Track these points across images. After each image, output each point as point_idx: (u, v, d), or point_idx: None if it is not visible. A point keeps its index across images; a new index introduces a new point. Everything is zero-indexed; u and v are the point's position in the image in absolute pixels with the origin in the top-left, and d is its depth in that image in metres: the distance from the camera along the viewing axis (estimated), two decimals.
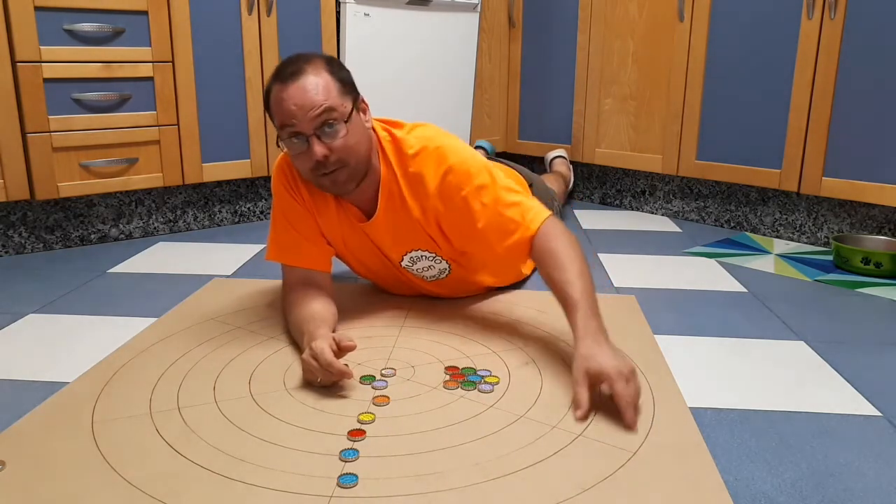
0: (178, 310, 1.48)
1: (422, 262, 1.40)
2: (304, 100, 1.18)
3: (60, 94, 1.82)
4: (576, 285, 1.15)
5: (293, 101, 1.18)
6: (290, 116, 1.19)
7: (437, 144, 1.30)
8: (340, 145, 1.21)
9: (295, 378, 1.16)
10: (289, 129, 1.20)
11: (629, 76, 2.44)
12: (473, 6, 2.55)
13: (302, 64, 1.21)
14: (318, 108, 1.18)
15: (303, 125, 1.19)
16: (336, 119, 1.20)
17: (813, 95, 1.99)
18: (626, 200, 2.62)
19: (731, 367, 1.26)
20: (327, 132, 1.20)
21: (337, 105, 1.20)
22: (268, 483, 0.87)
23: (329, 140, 1.20)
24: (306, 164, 1.23)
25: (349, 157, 1.23)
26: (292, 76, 1.19)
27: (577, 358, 1.07)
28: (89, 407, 1.06)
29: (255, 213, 2.33)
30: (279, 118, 1.21)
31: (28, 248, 1.92)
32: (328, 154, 1.20)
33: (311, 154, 1.20)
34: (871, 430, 1.04)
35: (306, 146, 1.21)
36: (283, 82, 1.20)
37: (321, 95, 1.19)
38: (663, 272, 1.82)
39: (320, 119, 1.19)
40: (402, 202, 1.32)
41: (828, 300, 1.63)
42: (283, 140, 1.23)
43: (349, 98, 1.24)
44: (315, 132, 1.19)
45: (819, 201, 2.12)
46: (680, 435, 1.00)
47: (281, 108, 1.20)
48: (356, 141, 1.24)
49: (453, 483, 0.88)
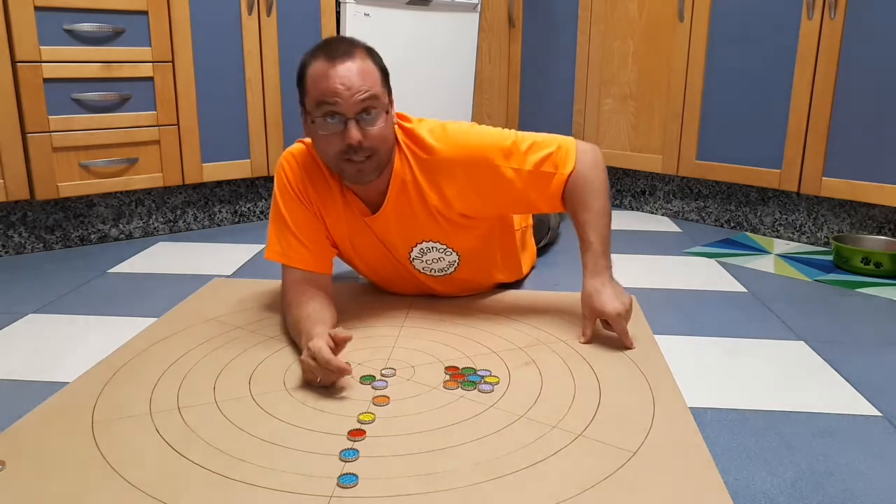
0: (178, 310, 1.48)
1: (431, 253, 1.40)
2: (353, 82, 1.17)
3: (60, 94, 1.82)
4: (594, 225, 1.35)
5: (341, 80, 1.17)
6: (334, 94, 1.17)
7: (451, 128, 1.33)
8: (376, 133, 1.21)
9: (295, 378, 1.16)
10: (328, 107, 1.18)
11: (629, 76, 2.44)
12: (473, 6, 2.55)
13: (350, 46, 1.21)
14: (364, 92, 1.18)
15: (345, 107, 1.18)
16: (378, 107, 1.21)
17: (813, 95, 1.99)
18: (626, 200, 2.62)
19: (732, 367, 1.26)
20: (366, 118, 1.20)
21: (380, 94, 1.21)
22: (268, 483, 0.87)
23: (367, 126, 1.20)
24: (336, 147, 1.21)
25: (380, 147, 1.23)
26: (343, 56, 1.18)
27: (584, 294, 1.33)
28: (89, 407, 1.06)
29: (255, 213, 2.33)
30: (319, 94, 1.19)
31: (28, 248, 1.92)
32: (362, 140, 1.20)
33: (345, 137, 1.19)
34: (871, 430, 1.04)
35: (342, 128, 1.19)
36: (331, 59, 1.18)
37: (369, 81, 1.19)
38: (663, 272, 1.82)
39: (364, 104, 1.18)
40: (418, 192, 1.32)
41: (828, 300, 1.63)
42: (315, 118, 1.21)
43: (387, 90, 1.25)
44: (356, 116, 1.19)
45: (819, 201, 2.12)
46: (680, 435, 1.00)
47: (326, 85, 1.18)
48: (389, 133, 1.26)
49: (453, 483, 0.88)
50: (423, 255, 1.40)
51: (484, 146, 1.32)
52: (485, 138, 1.33)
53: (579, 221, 1.36)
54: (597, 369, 1.21)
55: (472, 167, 1.32)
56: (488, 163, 1.32)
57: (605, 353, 1.29)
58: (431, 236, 1.38)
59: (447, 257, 1.41)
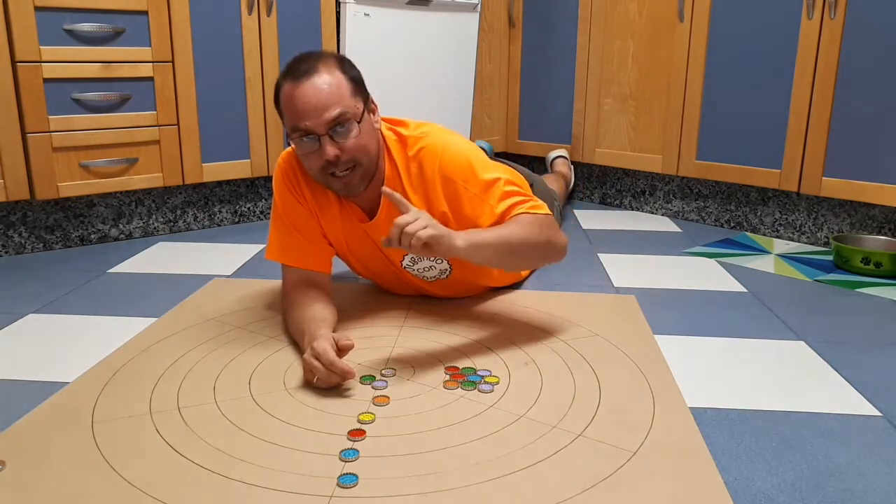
0: (178, 310, 1.48)
1: (422, 262, 1.40)
2: (317, 100, 1.17)
3: (60, 94, 1.82)
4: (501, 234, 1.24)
5: (306, 100, 1.17)
6: (303, 117, 1.17)
7: (442, 143, 1.31)
8: (352, 145, 1.21)
9: (295, 378, 1.16)
10: (300, 128, 1.19)
11: (629, 76, 2.44)
12: (473, 6, 2.55)
13: (314, 62, 1.20)
14: (331, 108, 1.17)
15: (315, 125, 1.18)
16: (349, 119, 1.19)
17: (813, 95, 1.99)
18: (626, 200, 2.62)
19: (731, 367, 1.26)
20: (339, 132, 1.19)
21: (349, 106, 1.20)
22: (268, 483, 0.87)
23: (341, 140, 1.20)
24: (317, 164, 1.22)
25: (361, 157, 1.23)
26: (305, 74, 1.18)
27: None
28: (89, 407, 1.06)
29: (255, 213, 2.33)
30: (290, 117, 1.20)
31: (28, 248, 1.92)
32: (339, 154, 1.20)
33: (322, 154, 1.19)
34: (871, 430, 1.04)
35: (317, 146, 1.20)
36: (296, 80, 1.18)
37: (334, 96, 1.18)
38: (663, 272, 1.82)
39: (333, 120, 1.18)
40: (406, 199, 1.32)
41: (828, 300, 1.63)
42: (293, 139, 1.22)
43: (361, 98, 1.23)
44: (327, 132, 1.18)
45: (819, 201, 2.12)
46: (680, 435, 1.00)
47: (293, 107, 1.18)
48: (367, 141, 1.24)
49: (453, 483, 0.88)
50: (415, 263, 1.41)
51: (466, 170, 1.29)
52: (471, 162, 1.30)
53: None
54: (597, 369, 1.21)
55: (448, 188, 1.29)
56: (463, 188, 1.29)
57: (605, 353, 1.29)
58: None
59: (438, 265, 1.41)
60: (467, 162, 1.30)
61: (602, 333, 1.38)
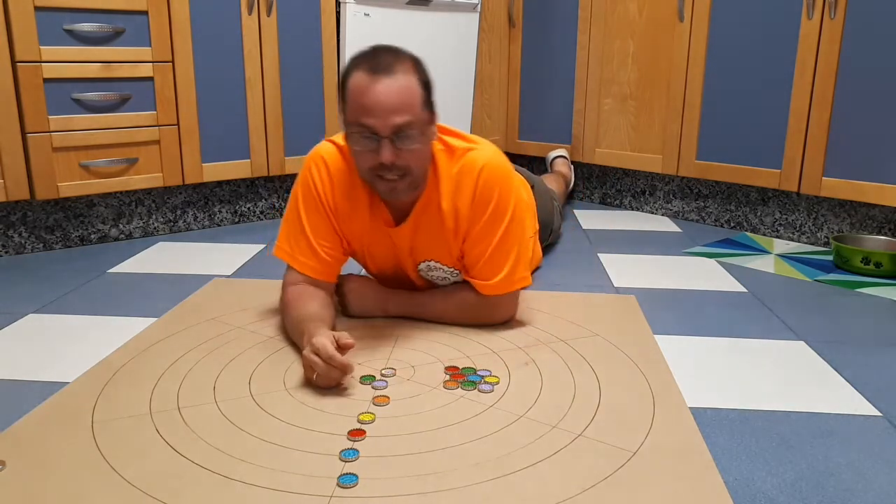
0: (178, 310, 1.48)
1: (437, 272, 1.40)
2: (389, 102, 1.14)
3: (60, 94, 1.82)
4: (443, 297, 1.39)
5: (377, 98, 1.14)
6: (370, 114, 1.14)
7: (492, 166, 1.29)
8: (411, 155, 1.19)
9: (295, 378, 1.16)
10: (364, 125, 1.16)
11: (629, 76, 2.44)
12: (473, 6, 2.55)
13: (393, 60, 1.16)
14: (401, 113, 1.15)
15: (380, 127, 1.15)
16: (414, 129, 1.17)
17: (813, 96, 1.99)
18: (626, 200, 2.62)
19: (731, 367, 1.26)
20: (402, 139, 1.17)
21: (418, 115, 1.17)
22: (268, 483, 0.88)
23: (401, 146, 1.17)
24: (369, 163, 1.19)
25: (414, 168, 1.21)
26: (384, 71, 1.14)
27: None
28: (89, 407, 1.06)
29: (255, 213, 2.33)
30: (356, 111, 1.16)
31: (28, 248, 1.92)
32: (395, 160, 1.17)
33: (378, 155, 1.17)
34: (871, 430, 1.04)
35: (376, 146, 1.17)
36: (373, 74, 1.14)
37: (407, 102, 1.15)
38: (663, 272, 1.82)
39: (400, 126, 1.15)
40: (439, 212, 1.30)
41: (828, 300, 1.63)
42: (351, 133, 1.19)
43: (429, 108, 1.21)
44: (390, 136, 1.16)
45: (819, 201, 2.12)
46: (680, 435, 1.00)
47: (361, 102, 1.15)
48: (426, 153, 1.23)
49: (453, 483, 0.88)
50: (430, 271, 1.40)
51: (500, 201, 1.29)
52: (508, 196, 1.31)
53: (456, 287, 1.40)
54: (597, 369, 1.21)
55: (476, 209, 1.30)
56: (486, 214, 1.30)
57: (605, 353, 1.29)
58: (440, 258, 1.36)
59: (452, 277, 1.41)
60: (505, 199, 1.30)
61: (602, 333, 1.38)
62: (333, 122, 2.34)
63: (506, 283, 1.34)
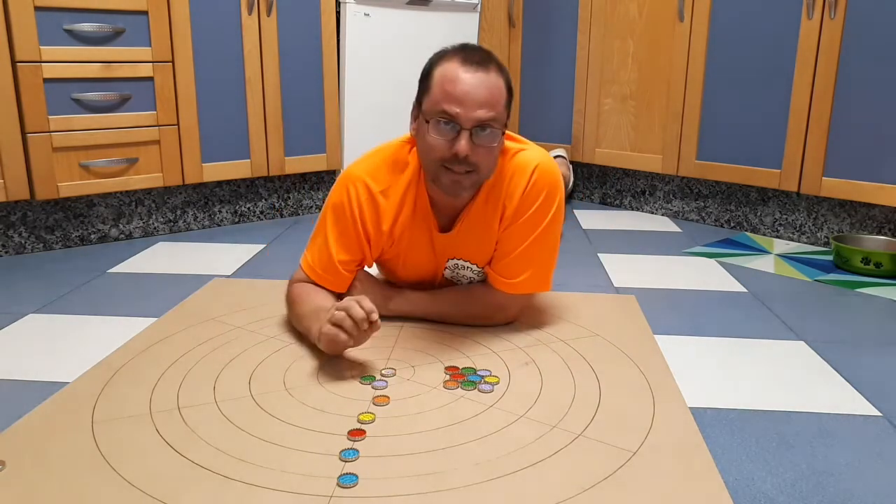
0: (178, 310, 1.48)
1: (464, 271, 1.40)
2: (479, 94, 1.15)
3: (60, 94, 1.82)
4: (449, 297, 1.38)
5: (468, 88, 1.14)
6: (458, 103, 1.15)
7: (544, 168, 1.30)
8: (485, 152, 1.19)
9: (295, 378, 1.16)
10: (447, 112, 1.15)
11: (629, 76, 2.44)
12: (473, 6, 2.55)
13: (486, 57, 1.18)
14: (487, 108, 1.16)
15: (465, 117, 1.15)
16: (495, 127, 1.18)
17: (813, 95, 2.00)
18: (626, 200, 2.62)
19: (731, 367, 1.26)
20: (482, 135, 1.17)
21: (501, 115, 1.19)
22: (268, 483, 0.87)
23: (480, 142, 1.17)
24: (441, 153, 1.18)
25: (483, 166, 1.21)
26: (479, 65, 1.16)
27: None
28: (89, 407, 1.06)
29: (255, 213, 2.33)
30: (443, 98, 1.16)
31: (28, 248, 1.92)
32: (470, 154, 1.17)
33: (453, 146, 1.16)
34: (871, 430, 1.04)
35: (454, 135, 1.17)
36: (467, 65, 1.16)
37: (495, 99, 1.17)
38: (663, 272, 1.82)
39: (484, 120, 1.16)
40: (486, 216, 1.31)
41: (828, 300, 1.63)
42: (430, 118, 1.18)
43: (507, 111, 1.22)
44: (471, 128, 1.16)
45: (819, 201, 2.12)
46: (680, 435, 1.00)
47: (450, 90, 1.15)
48: (496, 153, 1.23)
49: (453, 483, 0.88)
50: (457, 269, 1.40)
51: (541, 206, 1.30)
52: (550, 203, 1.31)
53: (459, 289, 1.40)
54: (597, 369, 1.21)
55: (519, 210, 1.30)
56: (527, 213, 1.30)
57: (605, 353, 1.29)
58: (474, 259, 1.36)
59: (477, 278, 1.41)
60: (548, 205, 1.30)
61: (602, 333, 1.38)
62: (334, 122, 2.34)
63: (527, 284, 1.34)
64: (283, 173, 2.27)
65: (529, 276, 1.33)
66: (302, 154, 2.29)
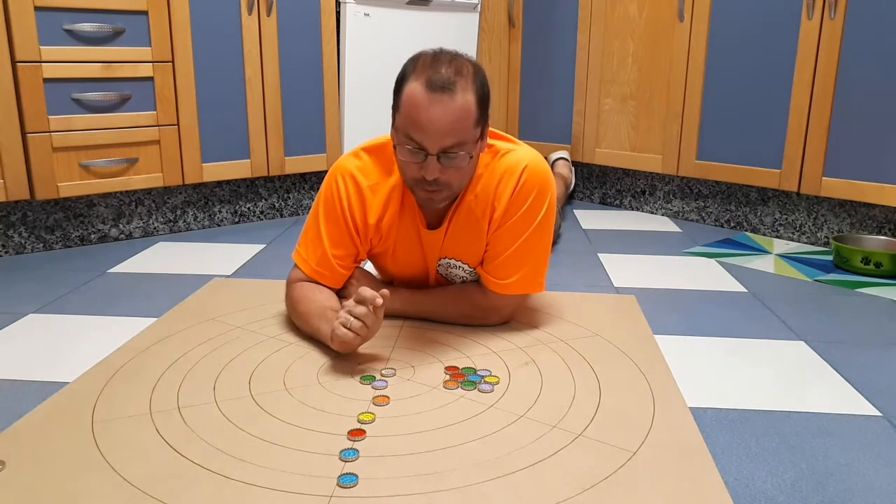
0: (178, 310, 1.48)
1: (456, 270, 1.40)
2: (442, 124, 1.14)
3: (60, 94, 1.82)
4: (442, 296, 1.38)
5: (431, 117, 1.13)
6: (422, 132, 1.15)
7: (534, 167, 1.30)
8: (455, 171, 1.20)
9: (295, 378, 1.16)
10: (414, 140, 1.16)
11: (629, 76, 2.44)
12: (473, 6, 2.55)
13: (454, 76, 1.15)
14: (451, 135, 1.15)
15: (430, 145, 1.15)
16: (463, 149, 1.18)
17: (813, 95, 1.99)
18: (626, 200, 2.62)
19: (731, 367, 1.26)
20: (449, 158, 1.17)
21: (469, 137, 1.18)
22: (268, 483, 0.88)
23: (448, 164, 1.18)
24: (413, 174, 1.20)
25: (456, 184, 1.22)
26: (442, 89, 1.13)
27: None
28: (89, 407, 1.06)
29: (255, 213, 2.33)
30: (408, 124, 1.16)
31: (28, 248, 1.92)
32: (439, 176, 1.18)
33: (423, 170, 1.18)
34: (871, 430, 1.04)
35: (422, 160, 1.17)
36: (431, 91, 1.13)
37: (460, 125, 1.15)
38: (663, 272, 1.82)
39: (449, 147, 1.16)
40: (475, 215, 1.31)
41: (828, 300, 1.63)
42: (400, 142, 1.20)
43: (481, 124, 1.21)
44: (438, 153, 1.16)
45: (819, 201, 2.12)
46: (680, 435, 1.00)
47: (415, 118, 1.15)
48: (470, 171, 1.24)
49: (453, 483, 0.88)
50: (449, 268, 1.40)
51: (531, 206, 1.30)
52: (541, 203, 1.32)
53: (450, 288, 1.41)
54: (597, 369, 1.21)
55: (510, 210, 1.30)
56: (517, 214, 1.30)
57: (605, 353, 1.29)
58: (466, 258, 1.37)
59: (471, 277, 1.41)
60: (538, 205, 1.31)
61: (602, 333, 1.38)
62: (333, 122, 2.34)
63: (519, 285, 1.34)
64: (283, 173, 2.27)
65: (521, 276, 1.33)
66: (302, 154, 2.29)
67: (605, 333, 1.37)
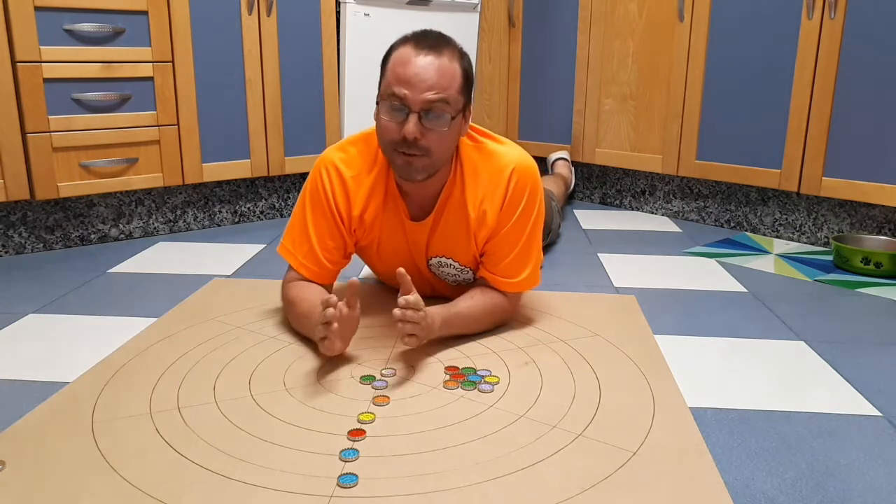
0: (178, 310, 1.48)
1: (448, 269, 1.40)
2: (428, 76, 1.15)
3: (60, 94, 1.82)
4: (466, 304, 1.32)
5: (416, 70, 1.15)
6: (406, 85, 1.15)
7: (522, 168, 1.31)
8: (436, 136, 1.19)
9: (295, 378, 1.16)
10: (397, 95, 1.16)
11: (629, 76, 2.44)
12: (473, 6, 2.55)
13: (441, 43, 1.19)
14: (436, 91, 1.16)
15: (412, 99, 1.16)
16: (446, 110, 1.18)
17: (813, 95, 1.99)
18: (626, 200, 2.62)
19: (731, 367, 1.26)
20: (431, 117, 1.17)
21: (453, 98, 1.18)
22: (268, 483, 0.87)
23: (428, 125, 1.17)
24: (392, 136, 1.19)
25: (435, 150, 1.20)
26: (430, 49, 1.17)
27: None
28: (89, 407, 1.06)
29: (255, 213, 2.33)
30: (393, 80, 1.17)
31: (28, 248, 1.92)
32: (419, 137, 1.17)
33: (402, 128, 1.17)
34: (871, 430, 1.04)
35: (403, 118, 1.17)
36: (418, 49, 1.17)
37: (445, 81, 1.17)
38: (663, 272, 1.82)
39: (432, 102, 1.16)
40: (462, 211, 1.31)
41: (828, 300, 1.63)
42: (382, 101, 1.19)
43: (465, 98, 1.22)
44: (420, 111, 1.16)
45: (819, 201, 2.12)
46: (680, 435, 1.00)
47: (401, 72, 1.16)
48: (450, 139, 1.23)
49: (453, 483, 0.88)
50: (441, 267, 1.40)
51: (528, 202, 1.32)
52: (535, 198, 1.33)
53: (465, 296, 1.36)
54: (597, 369, 1.21)
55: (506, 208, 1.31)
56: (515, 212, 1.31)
57: (605, 353, 1.29)
58: (456, 256, 1.37)
59: (462, 275, 1.41)
60: (533, 201, 1.33)
61: (602, 333, 1.38)
62: (333, 122, 2.34)
63: (528, 281, 1.37)
64: (283, 173, 2.27)
65: (528, 274, 1.36)
66: (302, 154, 2.29)
67: (605, 333, 1.37)
